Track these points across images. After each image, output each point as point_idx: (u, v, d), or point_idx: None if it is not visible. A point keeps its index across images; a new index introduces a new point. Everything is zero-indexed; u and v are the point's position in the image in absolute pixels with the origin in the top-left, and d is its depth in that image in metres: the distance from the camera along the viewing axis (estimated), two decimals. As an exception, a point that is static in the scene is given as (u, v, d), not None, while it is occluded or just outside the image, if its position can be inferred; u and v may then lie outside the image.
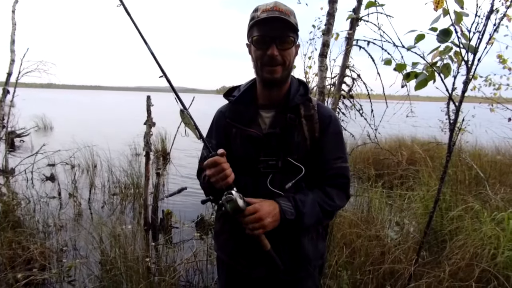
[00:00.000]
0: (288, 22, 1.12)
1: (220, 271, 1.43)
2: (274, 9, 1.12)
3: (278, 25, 1.12)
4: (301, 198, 1.17)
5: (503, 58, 4.40)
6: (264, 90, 1.25)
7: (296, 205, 1.14)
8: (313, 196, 1.19)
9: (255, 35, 1.15)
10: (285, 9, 1.14)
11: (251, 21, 1.17)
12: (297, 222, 1.14)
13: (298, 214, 1.14)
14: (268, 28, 1.13)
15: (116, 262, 2.67)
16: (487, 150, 6.70)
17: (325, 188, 1.23)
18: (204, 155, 1.35)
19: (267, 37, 1.13)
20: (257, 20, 1.13)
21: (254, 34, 1.16)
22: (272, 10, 1.12)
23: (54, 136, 11.56)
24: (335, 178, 1.24)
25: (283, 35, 1.14)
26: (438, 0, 1.56)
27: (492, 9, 1.61)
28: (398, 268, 2.40)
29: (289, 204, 1.14)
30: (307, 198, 1.17)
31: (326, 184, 1.24)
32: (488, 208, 3.01)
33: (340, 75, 4.09)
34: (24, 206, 4.11)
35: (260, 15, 1.13)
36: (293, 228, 1.17)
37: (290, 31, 1.14)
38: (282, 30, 1.13)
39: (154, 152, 8.37)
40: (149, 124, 4.06)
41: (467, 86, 1.68)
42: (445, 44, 1.71)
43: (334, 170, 1.24)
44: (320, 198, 1.20)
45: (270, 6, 1.13)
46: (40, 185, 5.68)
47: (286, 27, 1.13)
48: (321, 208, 1.19)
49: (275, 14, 1.11)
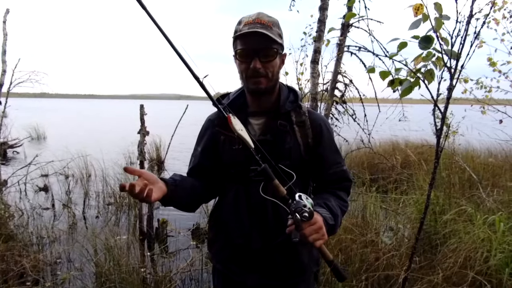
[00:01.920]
0: (267, 36, 1.12)
1: (216, 280, 1.43)
2: (256, 21, 1.13)
3: (260, 38, 1.12)
4: (329, 203, 1.18)
5: (493, 61, 4.47)
6: (252, 99, 1.27)
7: (330, 211, 1.15)
8: (333, 200, 1.21)
9: (238, 49, 1.16)
10: (268, 20, 1.15)
11: (234, 34, 1.18)
12: (334, 227, 1.14)
13: (335, 219, 1.14)
14: (250, 42, 1.13)
15: (111, 274, 2.65)
16: (479, 152, 6.76)
17: (336, 192, 1.26)
18: (190, 164, 1.36)
19: (249, 50, 1.14)
20: (239, 34, 1.13)
21: (237, 48, 1.17)
22: (254, 23, 1.12)
23: (47, 146, 11.45)
24: (340, 181, 1.29)
25: (265, 48, 1.14)
26: (418, 6, 1.58)
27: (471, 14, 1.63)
28: (392, 274, 2.41)
29: (324, 210, 1.13)
30: (332, 202, 1.19)
31: (334, 188, 1.27)
32: (481, 210, 3.03)
33: (332, 81, 4.13)
34: (17, 218, 4.07)
35: (242, 28, 1.14)
36: (329, 233, 1.14)
37: (272, 43, 1.15)
38: (264, 43, 1.14)
39: (149, 161, 8.34)
40: (143, 133, 4.05)
41: (451, 92, 1.70)
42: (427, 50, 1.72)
43: (337, 174, 1.28)
44: (337, 201, 1.22)
45: (252, 19, 1.14)
46: (34, 196, 5.62)
47: (268, 39, 1.13)
48: (341, 210, 1.22)
49: (257, 28, 1.11)
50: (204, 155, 1.32)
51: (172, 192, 1.10)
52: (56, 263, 3.26)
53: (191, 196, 1.24)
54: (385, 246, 2.82)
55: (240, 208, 1.24)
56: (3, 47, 5.13)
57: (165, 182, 1.10)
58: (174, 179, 1.16)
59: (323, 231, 1.04)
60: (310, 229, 1.01)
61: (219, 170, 1.29)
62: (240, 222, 1.25)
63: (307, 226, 1.01)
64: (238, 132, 1.08)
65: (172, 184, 1.12)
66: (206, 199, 1.35)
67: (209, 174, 1.31)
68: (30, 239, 3.53)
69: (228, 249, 1.30)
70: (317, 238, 1.02)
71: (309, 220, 1.01)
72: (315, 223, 1.03)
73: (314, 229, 1.02)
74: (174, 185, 1.12)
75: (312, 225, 1.02)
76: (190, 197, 1.23)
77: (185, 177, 1.25)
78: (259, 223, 1.23)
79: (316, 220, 1.03)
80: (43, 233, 3.82)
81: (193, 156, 1.36)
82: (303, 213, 1.00)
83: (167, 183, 1.10)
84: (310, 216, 1.00)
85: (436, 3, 1.51)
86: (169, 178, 1.15)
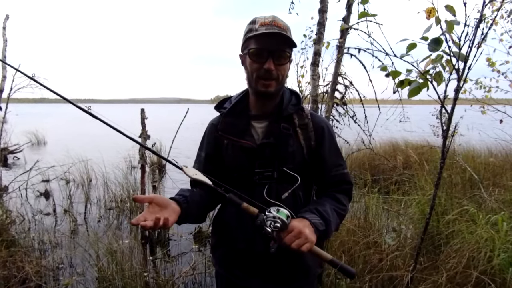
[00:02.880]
0: (287, 38, 1.13)
1: (219, 284, 1.43)
2: (273, 24, 1.13)
3: (276, 40, 1.12)
4: (322, 208, 1.17)
5: (492, 61, 4.49)
6: (257, 101, 1.26)
7: (322, 216, 1.14)
8: (329, 204, 1.20)
9: (252, 48, 1.15)
10: (283, 24, 1.15)
11: (248, 33, 1.16)
12: (326, 232, 1.14)
13: (326, 224, 1.13)
14: (266, 42, 1.13)
15: (114, 279, 2.64)
16: (479, 152, 6.76)
17: (335, 195, 1.25)
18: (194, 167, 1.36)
19: (265, 50, 1.13)
20: (256, 34, 1.13)
21: (251, 47, 1.15)
22: (271, 25, 1.12)
23: (48, 151, 11.45)
24: (340, 184, 1.28)
25: (280, 50, 1.14)
26: (431, 9, 1.59)
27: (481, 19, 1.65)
28: (396, 275, 2.40)
29: (314, 216, 1.12)
30: (326, 207, 1.18)
31: (333, 191, 1.26)
32: (483, 210, 3.03)
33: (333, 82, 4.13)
34: (19, 224, 4.06)
35: (259, 28, 1.13)
36: (322, 238, 1.15)
37: (287, 47, 1.15)
38: (280, 45, 1.14)
39: (150, 165, 8.32)
40: (144, 137, 4.05)
41: (458, 94, 1.71)
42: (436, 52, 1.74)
43: (337, 177, 1.27)
44: (334, 205, 1.21)
45: (268, 20, 1.14)
46: (35, 201, 5.61)
47: (284, 42, 1.14)
48: (338, 214, 1.21)
49: (275, 30, 1.11)
50: (208, 160, 1.32)
51: (186, 210, 1.09)
52: (58, 268, 3.26)
53: (202, 209, 1.24)
54: (389, 247, 2.81)
55: (242, 213, 1.25)
56: (3, 53, 5.14)
57: (177, 201, 1.09)
58: (184, 196, 1.14)
59: (305, 235, 1.03)
60: (289, 237, 1.02)
61: (222, 175, 1.28)
62: (243, 227, 1.25)
63: (286, 235, 1.03)
64: (193, 177, 1.13)
65: (184, 202, 1.10)
66: (213, 206, 1.34)
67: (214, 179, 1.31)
68: (32, 245, 3.52)
69: (232, 253, 1.29)
70: (301, 243, 1.02)
71: (283, 230, 1.02)
72: (293, 230, 1.03)
73: (294, 235, 1.03)
74: (186, 203, 1.11)
75: (290, 232, 1.03)
76: (201, 209, 1.23)
77: (192, 190, 1.23)
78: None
79: (293, 226, 1.04)
80: (45, 238, 3.81)
81: (197, 161, 1.36)
82: (275, 223, 1.02)
83: (179, 202, 1.09)
84: (283, 226, 1.02)
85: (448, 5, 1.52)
86: (179, 197, 1.13)
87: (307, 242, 1.03)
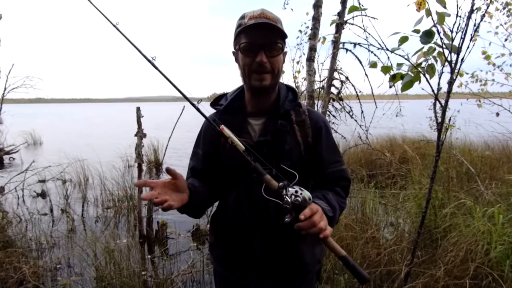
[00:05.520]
0: (277, 28, 1.11)
1: (218, 282, 1.42)
2: (261, 16, 1.11)
3: (266, 31, 1.11)
4: (328, 196, 1.16)
5: (487, 54, 4.49)
6: (252, 97, 1.25)
7: (329, 203, 1.13)
8: (332, 194, 1.20)
9: (242, 42, 1.14)
10: (273, 16, 1.13)
11: (238, 28, 1.15)
12: (332, 219, 1.11)
13: (333, 211, 1.12)
14: (256, 35, 1.11)
15: (112, 278, 2.64)
16: (476, 146, 6.79)
17: (334, 188, 1.25)
18: (190, 165, 1.35)
19: (255, 44, 1.12)
20: (245, 27, 1.11)
21: (241, 41, 1.14)
22: (259, 17, 1.11)
23: (44, 152, 11.39)
24: (338, 180, 1.27)
25: (271, 42, 1.13)
26: (421, 1, 1.58)
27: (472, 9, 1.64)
28: (394, 269, 2.41)
29: (323, 201, 1.11)
30: (330, 196, 1.17)
31: (332, 186, 1.26)
32: (480, 203, 3.04)
33: (329, 78, 4.12)
34: (16, 224, 4.04)
35: (248, 22, 1.12)
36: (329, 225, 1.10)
37: (278, 38, 1.13)
38: (270, 37, 1.12)
39: (147, 163, 8.31)
40: (140, 135, 4.03)
41: (452, 86, 1.70)
42: (428, 45, 1.73)
43: (335, 173, 1.27)
44: (335, 197, 1.21)
45: (257, 13, 1.12)
46: (31, 202, 5.58)
47: (274, 33, 1.12)
48: (340, 206, 1.20)
49: (263, 21, 1.10)
50: (206, 158, 1.30)
51: (191, 202, 1.08)
52: (56, 268, 3.24)
53: (204, 203, 1.24)
54: (386, 241, 2.82)
55: (241, 211, 1.23)
56: (-4, 53, 5.09)
57: (189, 192, 1.08)
58: (194, 186, 1.13)
59: (325, 218, 0.98)
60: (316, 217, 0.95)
61: (220, 172, 1.27)
62: (241, 225, 1.24)
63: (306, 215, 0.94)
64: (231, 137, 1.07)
65: (194, 193, 1.10)
66: (211, 203, 1.33)
67: (212, 177, 1.29)
68: (29, 246, 3.51)
69: (230, 252, 1.28)
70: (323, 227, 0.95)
71: (300, 207, 0.95)
72: (317, 211, 0.97)
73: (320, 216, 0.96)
74: (195, 194, 1.10)
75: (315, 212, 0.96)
76: (203, 204, 1.22)
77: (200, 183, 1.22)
78: (261, 225, 1.21)
79: (316, 209, 0.97)
80: (42, 239, 3.79)
81: (195, 159, 1.34)
82: (296, 197, 0.96)
83: (191, 194, 1.08)
84: (302, 203, 0.95)
85: (438, -4, 1.51)
86: (191, 186, 1.12)
87: (327, 228, 0.97)
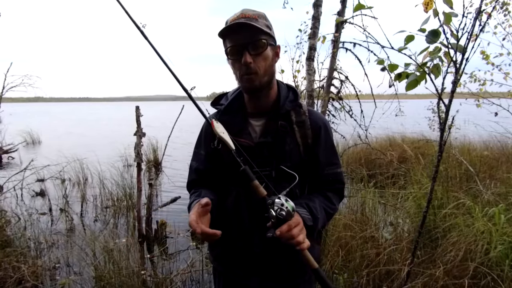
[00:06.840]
0: (254, 26, 1.09)
1: (217, 282, 1.41)
2: (240, 17, 1.10)
3: (246, 31, 1.09)
4: (312, 204, 1.16)
5: (486, 54, 4.49)
6: (250, 99, 1.24)
7: (311, 212, 1.13)
8: (319, 201, 1.20)
9: (227, 47, 1.14)
10: (252, 13, 1.12)
11: (220, 34, 1.15)
12: (313, 229, 1.13)
13: (314, 220, 1.12)
14: (237, 37, 1.11)
15: (111, 278, 2.63)
16: (475, 145, 6.79)
17: (325, 193, 1.25)
18: (193, 166, 1.34)
19: (238, 45, 1.12)
20: (224, 32, 1.11)
21: (226, 46, 1.15)
22: (238, 18, 1.10)
23: (43, 151, 11.35)
24: (332, 183, 1.27)
25: (253, 40, 1.11)
26: (428, 1, 1.58)
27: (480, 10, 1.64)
28: (393, 269, 2.41)
29: (304, 210, 1.12)
30: (315, 204, 1.17)
31: (325, 189, 1.26)
32: (479, 203, 3.04)
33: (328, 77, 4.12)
34: (14, 224, 4.03)
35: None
36: (308, 234, 1.12)
37: (259, 34, 1.11)
38: (251, 35, 1.11)
39: (146, 163, 8.29)
40: (139, 134, 4.03)
41: (456, 86, 1.70)
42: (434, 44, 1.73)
43: (330, 176, 1.26)
44: (323, 203, 1.21)
45: (237, 15, 1.12)
46: (30, 201, 5.57)
47: (254, 30, 1.10)
48: (326, 212, 1.20)
49: (241, 21, 1.08)
50: (208, 158, 1.30)
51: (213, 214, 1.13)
52: (55, 268, 3.23)
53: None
54: (386, 241, 2.82)
55: (241, 211, 1.23)
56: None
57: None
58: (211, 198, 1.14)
59: (304, 231, 1.03)
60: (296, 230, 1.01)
61: (221, 173, 1.27)
62: (241, 225, 1.23)
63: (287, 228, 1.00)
64: (219, 134, 1.10)
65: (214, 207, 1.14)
66: None
67: (214, 178, 1.29)
68: (27, 245, 3.50)
69: (230, 252, 1.28)
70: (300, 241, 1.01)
71: (284, 221, 1.00)
72: (298, 223, 1.02)
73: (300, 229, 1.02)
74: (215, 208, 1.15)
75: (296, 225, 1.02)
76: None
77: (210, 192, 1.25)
78: (260, 225, 1.21)
79: (298, 221, 1.03)
80: (41, 238, 3.78)
81: (196, 159, 1.34)
82: (281, 211, 0.99)
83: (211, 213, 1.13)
84: (286, 216, 0.99)
85: (445, -4, 1.51)
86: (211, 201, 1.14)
87: (305, 241, 1.02)
